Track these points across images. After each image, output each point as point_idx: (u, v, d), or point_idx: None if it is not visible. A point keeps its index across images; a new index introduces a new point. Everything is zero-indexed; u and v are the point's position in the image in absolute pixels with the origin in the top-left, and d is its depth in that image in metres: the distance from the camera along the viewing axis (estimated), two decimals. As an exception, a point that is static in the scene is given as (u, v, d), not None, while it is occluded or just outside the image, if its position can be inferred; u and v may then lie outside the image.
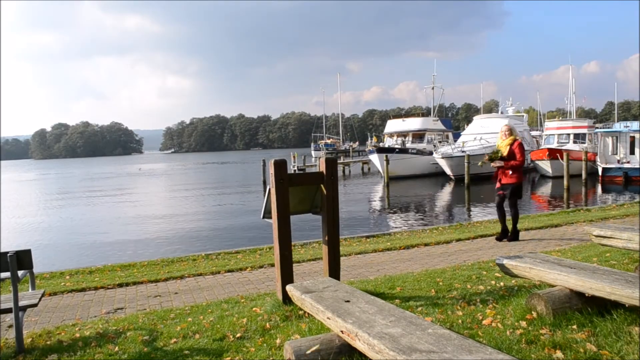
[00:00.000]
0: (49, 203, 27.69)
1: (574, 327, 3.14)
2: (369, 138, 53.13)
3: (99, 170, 70.81)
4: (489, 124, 34.57)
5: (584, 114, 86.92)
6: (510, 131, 7.21)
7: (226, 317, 4.07)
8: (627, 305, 3.07)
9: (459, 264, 5.77)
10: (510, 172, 7.03)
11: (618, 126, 27.86)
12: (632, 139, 26.10)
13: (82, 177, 56.12)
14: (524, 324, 3.28)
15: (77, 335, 3.93)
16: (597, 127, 31.66)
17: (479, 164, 8.57)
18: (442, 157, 29.30)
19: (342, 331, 2.62)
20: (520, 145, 7.08)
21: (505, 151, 7.05)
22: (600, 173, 25.16)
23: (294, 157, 40.85)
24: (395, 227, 14.07)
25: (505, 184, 7.12)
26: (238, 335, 3.60)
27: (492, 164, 7.18)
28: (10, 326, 4.25)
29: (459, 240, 7.66)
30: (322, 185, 4.42)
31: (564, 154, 23.09)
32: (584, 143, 30.18)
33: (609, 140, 27.42)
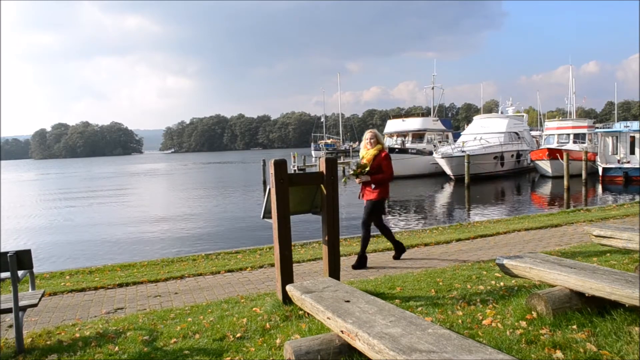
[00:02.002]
0: (49, 203, 27.67)
1: (574, 327, 3.15)
2: (369, 138, 52.90)
3: (99, 170, 70.81)
4: (489, 124, 34.63)
5: (584, 114, 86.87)
6: (376, 139, 5.97)
7: (226, 317, 4.07)
8: (627, 305, 3.07)
9: (459, 264, 5.78)
10: (373, 187, 5.94)
11: (618, 126, 27.85)
12: (632, 139, 26.11)
13: (82, 177, 56.12)
14: (524, 324, 3.28)
15: (77, 335, 3.93)
16: (597, 127, 31.67)
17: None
18: (442, 157, 29.30)
19: (342, 331, 2.62)
20: (387, 156, 5.94)
21: (370, 163, 5.91)
22: (600, 173, 25.17)
23: (294, 157, 40.84)
24: (396, 227, 14.06)
25: (366, 200, 6.06)
26: (238, 335, 3.60)
27: (357, 180, 6.06)
28: (10, 326, 4.25)
29: (459, 240, 7.66)
30: (322, 185, 4.43)
31: (564, 154, 23.10)
32: (584, 143, 30.19)
33: (609, 140, 27.43)
